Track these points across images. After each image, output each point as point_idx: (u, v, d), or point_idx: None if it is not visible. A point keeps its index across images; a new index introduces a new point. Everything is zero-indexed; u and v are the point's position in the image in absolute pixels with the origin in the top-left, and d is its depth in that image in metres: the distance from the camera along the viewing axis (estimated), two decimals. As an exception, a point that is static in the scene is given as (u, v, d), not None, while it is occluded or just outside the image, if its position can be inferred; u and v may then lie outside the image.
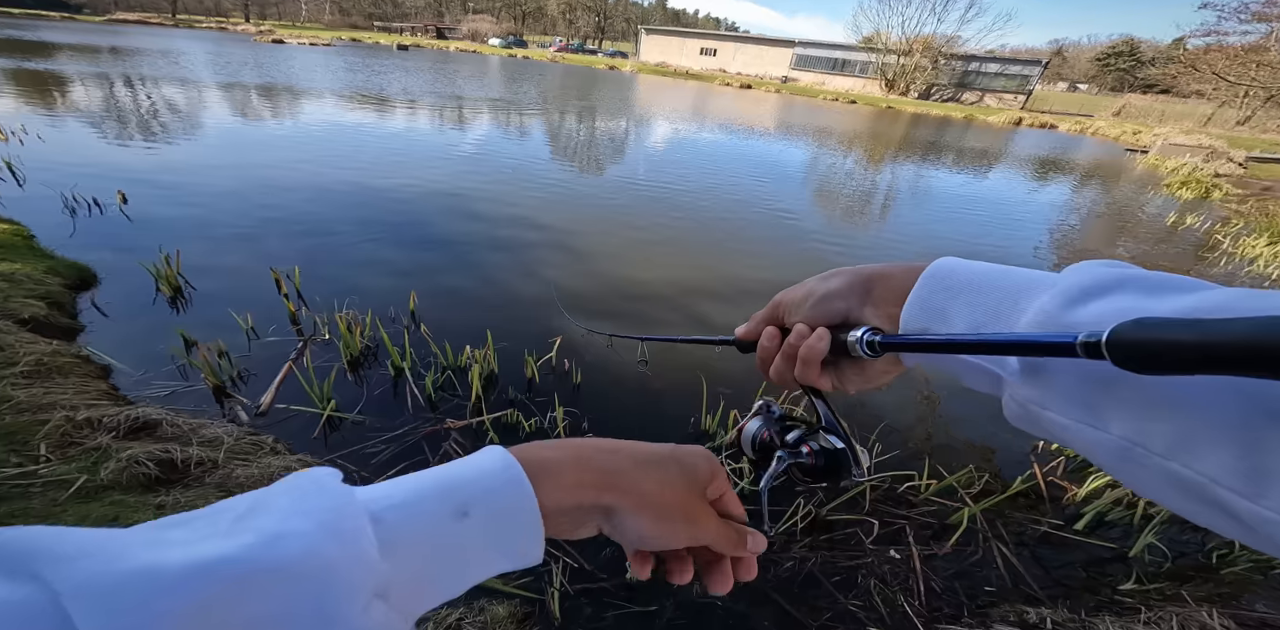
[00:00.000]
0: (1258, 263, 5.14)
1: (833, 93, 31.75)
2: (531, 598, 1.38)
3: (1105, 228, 6.40)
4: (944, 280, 0.32)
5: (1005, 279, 0.30)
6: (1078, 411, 0.25)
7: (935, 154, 11.37)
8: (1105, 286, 0.26)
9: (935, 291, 0.32)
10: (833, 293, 0.36)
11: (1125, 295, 0.25)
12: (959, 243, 5.09)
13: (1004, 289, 0.30)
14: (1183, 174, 9.89)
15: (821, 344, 0.36)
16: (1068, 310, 0.26)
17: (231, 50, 19.71)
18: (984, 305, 0.30)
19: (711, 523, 0.32)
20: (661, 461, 0.32)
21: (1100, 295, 0.26)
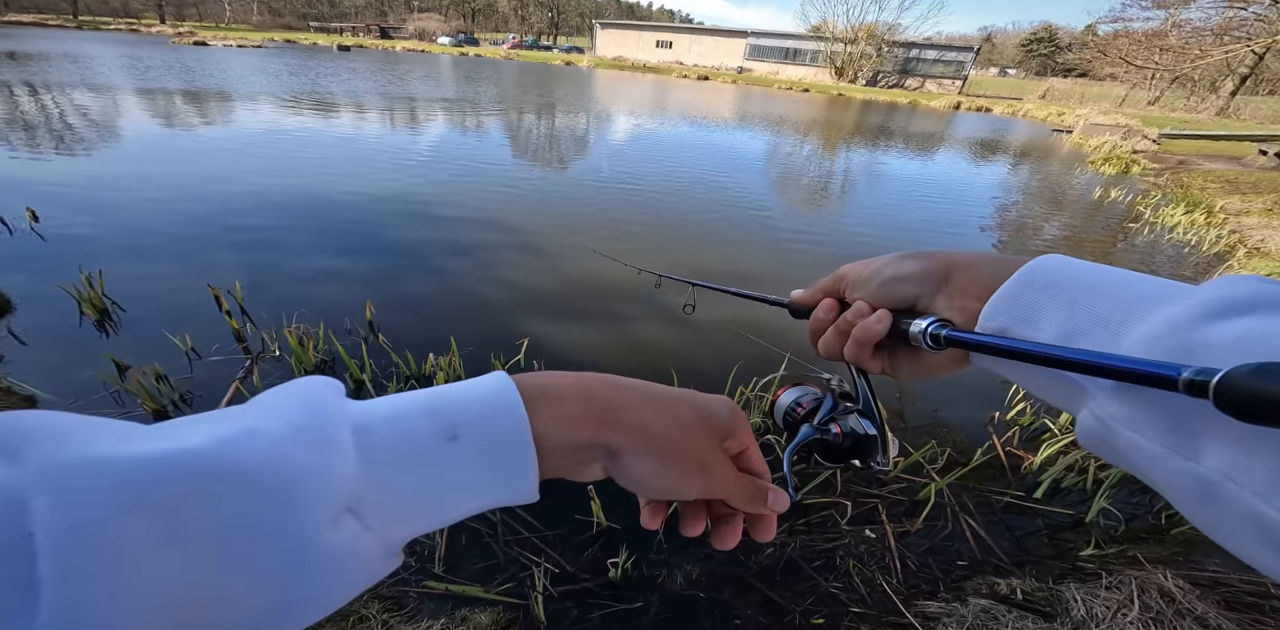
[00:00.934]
0: (1177, 230, 5.52)
1: (786, 82, 32.29)
2: (515, 603, 1.35)
3: (1043, 203, 6.80)
4: (1046, 278, 0.28)
5: (1126, 285, 0.26)
6: (1171, 438, 0.22)
7: (886, 139, 11.75)
8: (1256, 302, 0.22)
9: (1031, 289, 0.28)
10: (904, 275, 0.33)
11: (1276, 316, 0.21)
12: (912, 225, 5.25)
13: (1122, 295, 0.26)
14: (1104, 151, 10.61)
15: (879, 327, 0.34)
16: (1201, 325, 0.22)
17: (149, 53, 18.38)
18: (1090, 310, 0.26)
19: (727, 474, 0.30)
20: (674, 402, 0.29)
21: (1247, 312, 0.22)
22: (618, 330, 2.70)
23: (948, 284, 0.32)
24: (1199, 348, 0.21)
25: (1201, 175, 8.53)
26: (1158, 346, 0.22)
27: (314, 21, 64.52)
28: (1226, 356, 0.20)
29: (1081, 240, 5.39)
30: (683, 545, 1.56)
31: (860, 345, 0.35)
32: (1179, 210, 6.02)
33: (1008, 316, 0.28)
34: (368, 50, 32.85)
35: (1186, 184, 7.82)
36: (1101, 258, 4.84)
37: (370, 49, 34.65)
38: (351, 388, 2.08)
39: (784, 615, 1.40)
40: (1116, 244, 5.29)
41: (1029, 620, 1.38)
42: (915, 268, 0.33)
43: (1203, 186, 7.57)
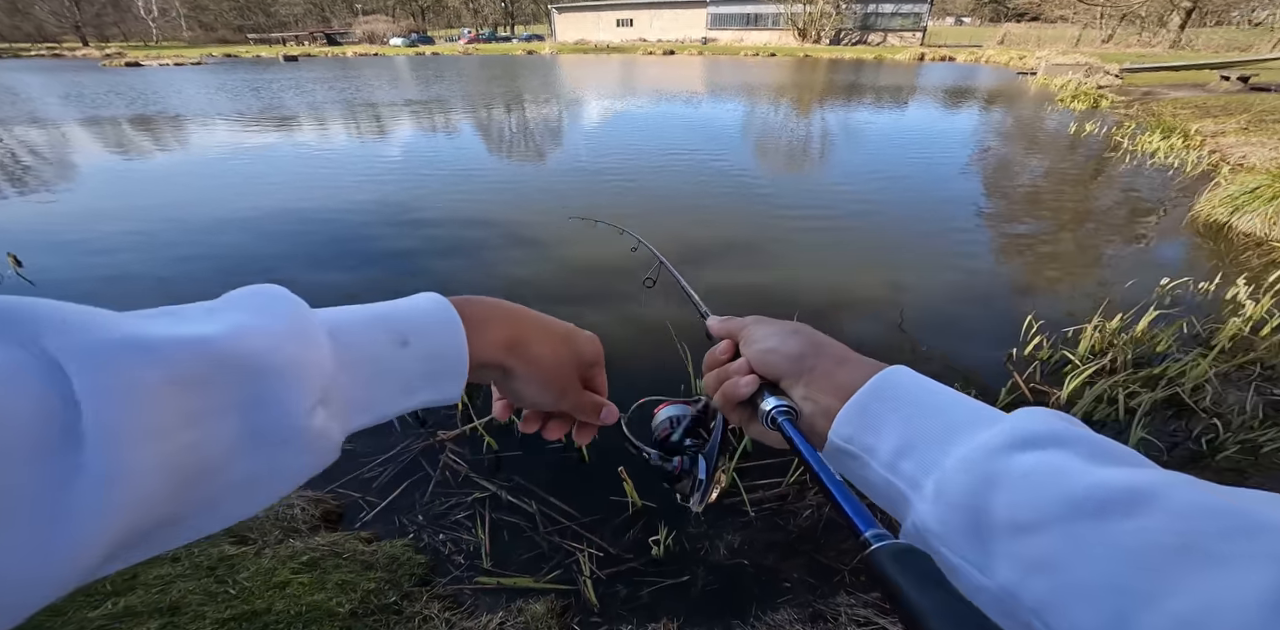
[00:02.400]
0: (1157, 155, 5.60)
1: (752, 48, 31.72)
2: (565, 589, 1.38)
3: (1020, 143, 6.81)
4: (890, 391, 0.32)
5: (953, 407, 0.30)
6: (970, 551, 0.25)
7: (857, 95, 11.66)
8: (1051, 439, 0.26)
9: (877, 401, 0.32)
10: (782, 352, 0.37)
11: (1066, 453, 0.25)
12: (893, 176, 5.24)
13: (949, 417, 0.29)
14: (1071, 89, 10.85)
15: (744, 390, 0.37)
16: (1003, 455, 0.26)
17: (81, 79, 17.72)
18: (922, 428, 0.29)
19: (580, 394, 0.39)
20: (559, 339, 0.37)
21: (1042, 446, 0.25)
22: (610, 308, 2.69)
23: (811, 374, 0.35)
24: (1000, 474, 0.25)
25: (1170, 103, 8.68)
26: (972, 469, 0.26)
27: (251, 33, 62.05)
28: (1017, 485, 0.24)
29: (1064, 174, 5.38)
30: (720, 516, 1.58)
31: (725, 398, 0.38)
32: (1156, 136, 6.08)
33: (857, 424, 0.32)
34: (317, 59, 31.81)
35: (1158, 112, 7.94)
36: (1086, 189, 4.85)
37: (319, 57, 33.54)
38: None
39: (832, 575, 1.43)
40: (1099, 175, 5.29)
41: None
42: (794, 349, 0.37)
43: (1174, 113, 7.68)
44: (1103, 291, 2.93)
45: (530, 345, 0.35)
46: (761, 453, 1.79)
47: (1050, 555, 0.22)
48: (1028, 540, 0.23)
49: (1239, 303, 2.69)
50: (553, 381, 0.36)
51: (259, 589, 1.32)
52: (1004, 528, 0.24)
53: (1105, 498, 0.22)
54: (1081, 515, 0.22)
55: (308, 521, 1.57)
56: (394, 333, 0.29)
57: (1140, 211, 4.26)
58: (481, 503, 1.63)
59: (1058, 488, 0.23)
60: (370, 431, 1.92)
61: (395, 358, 0.29)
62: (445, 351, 0.31)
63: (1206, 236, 3.76)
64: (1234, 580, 0.18)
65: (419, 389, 0.30)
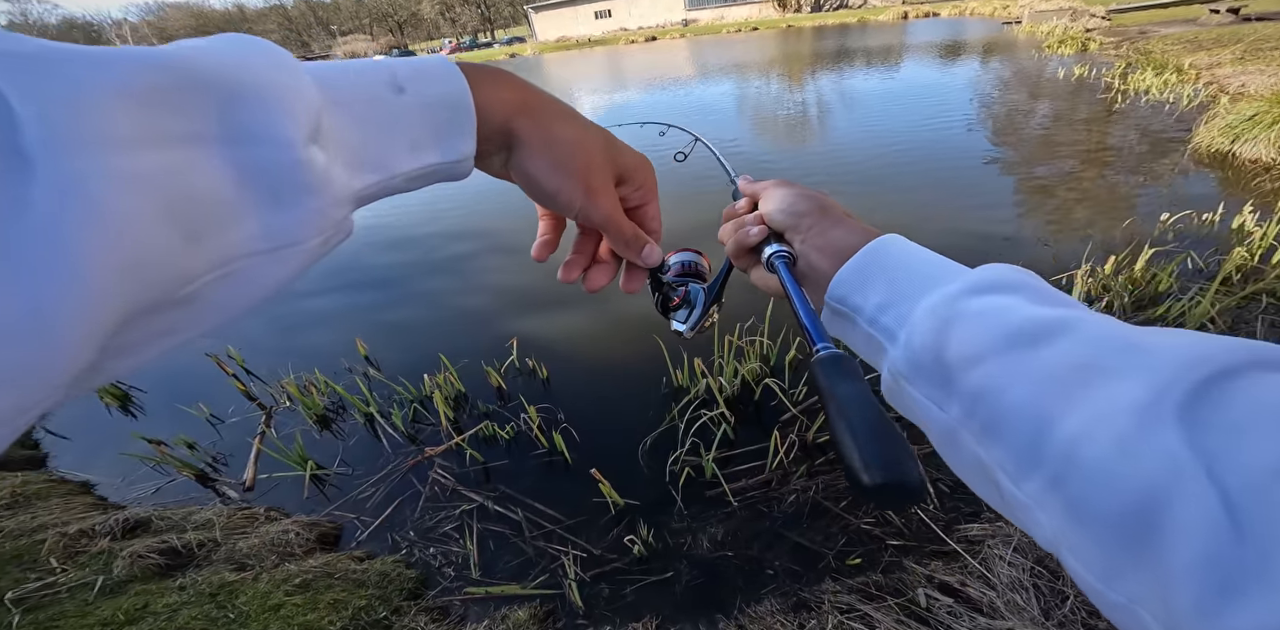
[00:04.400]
0: (1152, 92, 5.44)
1: (734, 25, 31.19)
2: (550, 594, 1.40)
3: (1021, 92, 6.58)
4: (882, 257, 0.34)
5: (929, 266, 0.32)
6: (932, 391, 0.27)
7: (848, 60, 11.37)
8: (1005, 285, 0.28)
9: (869, 265, 0.34)
10: (790, 210, 0.40)
11: (1014, 297, 0.27)
12: (896, 134, 5.12)
13: (924, 274, 0.31)
14: (1058, 34, 10.68)
15: (753, 239, 0.41)
16: (963, 299, 0.28)
17: None
18: (901, 286, 0.31)
19: (609, 205, 0.34)
20: (592, 126, 0.33)
21: (996, 292, 0.27)
22: (599, 307, 2.69)
23: (809, 231, 0.38)
24: (957, 315, 0.27)
25: (1160, 40, 8.48)
26: (935, 313, 0.28)
27: None
28: (969, 322, 0.26)
29: (1053, 119, 5.16)
30: (703, 509, 1.58)
31: (737, 244, 0.42)
32: (1149, 74, 5.92)
33: (850, 286, 0.34)
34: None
35: (1148, 50, 7.76)
36: (1076, 133, 4.65)
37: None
38: (362, 422, 2.13)
39: (818, 560, 1.42)
40: (1089, 117, 5.08)
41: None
42: (800, 207, 0.39)
43: (1165, 50, 7.48)
44: (1099, 233, 2.82)
45: (543, 112, 0.30)
46: (743, 441, 1.78)
47: (988, 384, 0.24)
48: (973, 372, 0.25)
49: (1245, 231, 2.55)
50: (569, 163, 0.31)
51: (255, 612, 1.37)
52: (957, 363, 0.26)
53: (1032, 329, 0.24)
54: (1012, 346, 0.24)
55: (303, 545, 1.62)
56: (385, 76, 0.25)
57: (1136, 150, 4.07)
58: (469, 514, 1.66)
59: (998, 323, 0.25)
60: (363, 454, 1.98)
61: (391, 102, 0.25)
62: (448, 99, 0.27)
63: (1210, 166, 3.57)
64: (1117, 391, 0.20)
65: (425, 144, 0.26)
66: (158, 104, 0.17)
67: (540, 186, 0.32)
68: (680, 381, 2.01)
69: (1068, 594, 1.19)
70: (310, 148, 0.21)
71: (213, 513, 1.77)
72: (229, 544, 1.63)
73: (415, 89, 0.26)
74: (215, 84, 0.19)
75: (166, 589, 1.47)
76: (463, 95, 0.27)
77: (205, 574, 1.52)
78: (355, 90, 0.25)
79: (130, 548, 1.60)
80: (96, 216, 0.15)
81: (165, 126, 0.17)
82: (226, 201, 0.19)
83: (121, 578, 1.53)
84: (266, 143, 0.20)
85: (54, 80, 0.15)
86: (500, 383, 2.18)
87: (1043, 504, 0.21)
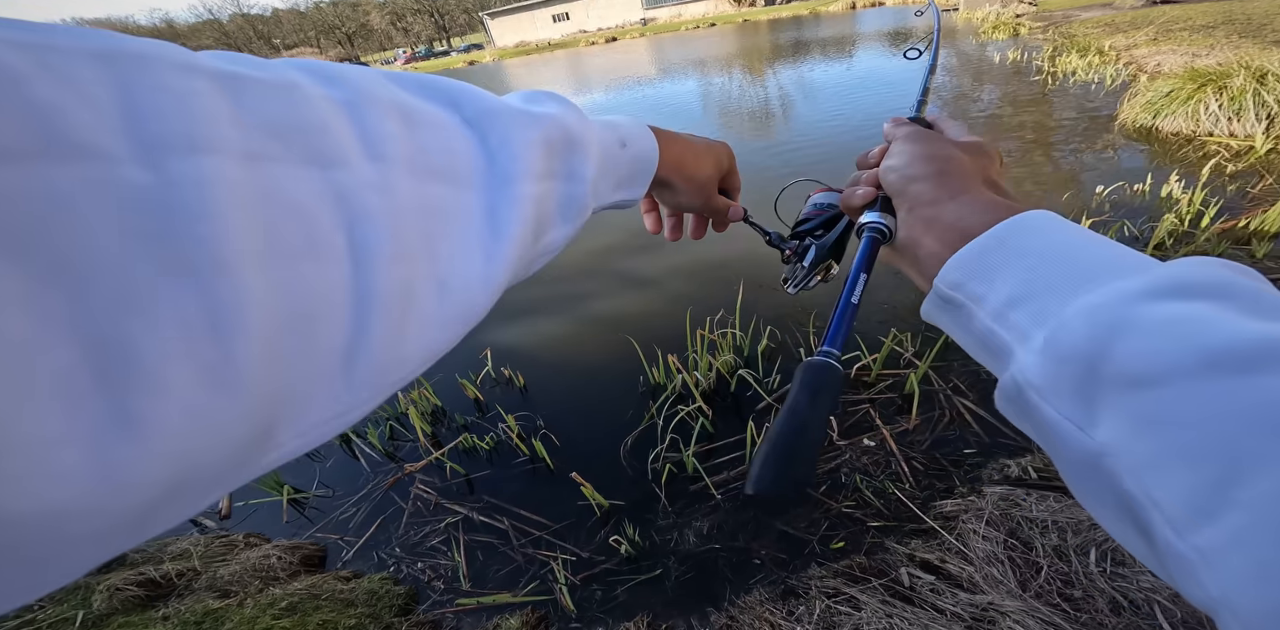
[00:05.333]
0: (1077, 74, 5.71)
1: (692, 21, 31.43)
2: (541, 600, 1.40)
3: (967, 76, 6.81)
4: (1019, 236, 0.28)
5: (1093, 254, 0.25)
6: (1073, 410, 0.22)
7: (804, 52, 11.57)
8: (1206, 288, 0.21)
9: (1001, 247, 0.28)
10: (900, 172, 0.35)
11: (1220, 305, 0.20)
12: (858, 122, 5.22)
13: (1083, 264, 0.25)
14: (991, 21, 11.27)
15: (856, 201, 0.38)
16: (1142, 302, 0.21)
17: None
18: (1045, 276, 0.25)
19: (716, 200, 0.46)
20: (708, 156, 0.44)
21: (1192, 297, 0.21)
22: (571, 311, 2.69)
23: (917, 200, 0.33)
24: (1129, 322, 0.21)
25: (1082, 24, 9.07)
26: (1095, 317, 0.22)
27: None
28: (1148, 334, 0.20)
29: (986, 103, 5.33)
30: (686, 505, 1.60)
31: (844, 203, 0.40)
32: (1074, 57, 6.24)
33: (969, 270, 0.28)
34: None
35: (1071, 34, 8.24)
36: (1011, 114, 4.82)
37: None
38: (338, 443, 2.09)
39: (803, 546, 1.44)
40: (1021, 99, 5.30)
41: (1051, 498, 1.36)
42: (913, 170, 0.35)
43: (1086, 33, 7.96)
44: (1046, 206, 2.92)
45: (688, 164, 0.42)
46: (722, 433, 1.80)
47: (1167, 413, 0.19)
48: (1144, 395, 0.20)
49: (1174, 198, 2.69)
50: (700, 190, 0.44)
51: (244, 640, 1.35)
52: (1119, 380, 0.20)
53: (1247, 351, 0.18)
54: (1213, 370, 0.18)
55: (286, 569, 1.59)
56: (619, 136, 0.36)
57: (1070, 128, 4.23)
58: (455, 526, 1.65)
59: (1194, 338, 0.19)
60: (341, 475, 1.95)
61: (618, 155, 0.35)
62: (646, 156, 0.38)
63: (1137, 140, 3.75)
64: None
65: (624, 185, 0.37)
66: (551, 150, 0.28)
67: (679, 206, 0.46)
68: (656, 379, 2.02)
69: (1041, 564, 1.22)
70: (592, 185, 0.32)
71: (189, 542, 1.72)
72: (209, 572, 1.60)
73: (632, 147, 0.37)
74: (571, 139, 0.30)
75: (150, 620, 1.44)
76: (654, 155, 0.39)
77: (189, 603, 1.48)
78: (606, 144, 0.34)
79: (107, 581, 1.56)
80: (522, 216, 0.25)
81: (551, 165, 0.28)
82: (553, 217, 0.29)
83: (102, 611, 1.49)
84: (579, 180, 0.30)
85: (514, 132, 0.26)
86: (477, 394, 2.16)
87: (1213, 562, 0.17)
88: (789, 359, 2.09)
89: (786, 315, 2.31)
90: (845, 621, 1.16)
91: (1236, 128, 3.39)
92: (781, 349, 2.15)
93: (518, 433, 1.87)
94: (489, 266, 0.23)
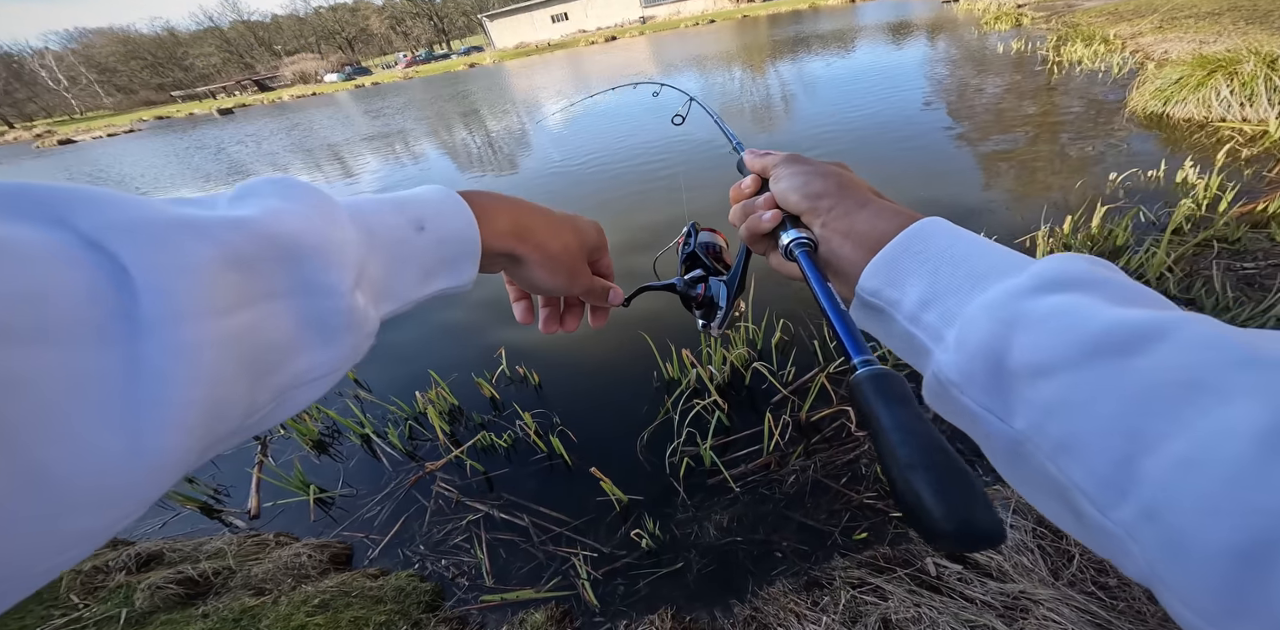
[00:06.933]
0: (1083, 63, 5.69)
1: (691, 18, 31.39)
2: (564, 595, 1.41)
3: (969, 68, 6.76)
4: (921, 244, 0.30)
5: (980, 255, 0.28)
6: (991, 401, 0.24)
7: (804, 46, 11.58)
8: (1078, 281, 0.24)
9: (906, 254, 0.30)
10: (805, 192, 0.37)
11: (1090, 295, 0.23)
12: (861, 115, 5.19)
13: (975, 265, 0.28)
14: (994, 11, 11.21)
15: (767, 225, 0.38)
16: (1028, 297, 0.24)
17: (23, 168, 17.50)
18: (948, 278, 0.28)
19: (588, 278, 0.41)
20: (564, 227, 0.39)
21: (1066, 289, 0.24)
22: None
23: (829, 214, 0.35)
24: (1020, 316, 0.24)
25: (1085, 13, 9.00)
26: (992, 313, 0.25)
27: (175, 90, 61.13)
28: (1037, 327, 0.23)
29: (1009, 89, 5.29)
30: (705, 499, 1.61)
31: (749, 231, 0.40)
32: (1079, 46, 6.20)
33: (883, 278, 0.31)
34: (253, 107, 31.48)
35: (1075, 23, 8.18)
36: (1019, 105, 4.78)
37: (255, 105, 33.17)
38: (359, 443, 2.12)
39: (825, 538, 1.45)
40: (1029, 89, 5.27)
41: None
42: (816, 188, 0.36)
43: (1089, 22, 7.90)
44: (1056, 196, 2.92)
45: (536, 231, 0.37)
46: (738, 427, 1.81)
47: (1065, 398, 0.21)
48: (1044, 383, 0.22)
49: (1189, 184, 2.68)
50: (561, 266, 0.38)
51: (279, 636, 1.37)
52: (1022, 372, 0.23)
53: (1120, 336, 0.21)
54: (1095, 355, 0.21)
55: (316, 567, 1.61)
56: (411, 217, 0.30)
57: (1079, 116, 4.21)
58: (476, 524, 1.67)
59: (1075, 328, 0.22)
60: (364, 474, 1.97)
61: (413, 242, 0.29)
62: (459, 235, 0.32)
63: (1148, 127, 3.72)
64: (1232, 414, 0.18)
65: (437, 274, 0.31)
66: (246, 268, 0.21)
67: (538, 287, 0.39)
68: (670, 374, 2.03)
69: (1073, 552, 1.22)
70: (355, 293, 0.25)
71: (223, 542, 1.76)
72: (244, 570, 1.64)
73: (433, 227, 0.30)
74: (288, 246, 0.22)
75: (190, 617, 1.47)
76: (471, 231, 0.32)
77: (226, 600, 1.52)
78: (387, 232, 0.29)
79: (148, 580, 1.61)
80: (196, 374, 0.18)
81: (251, 287, 0.21)
82: (288, 345, 0.22)
83: (145, 609, 1.53)
84: (324, 293, 0.24)
85: (166, 253, 0.18)
86: (493, 392, 2.18)
87: (1135, 536, 0.19)
88: (803, 351, 2.10)
89: (798, 307, 2.32)
90: (872, 611, 1.17)
91: (1249, 113, 3.36)
92: (795, 341, 2.16)
93: (535, 430, 1.88)
94: (136, 439, 0.16)
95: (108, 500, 0.16)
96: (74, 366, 0.16)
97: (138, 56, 73.23)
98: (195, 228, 0.19)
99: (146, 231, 0.18)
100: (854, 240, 0.33)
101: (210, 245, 0.19)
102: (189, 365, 0.18)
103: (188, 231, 0.19)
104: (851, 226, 0.34)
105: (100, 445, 0.16)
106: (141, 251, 0.18)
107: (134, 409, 0.17)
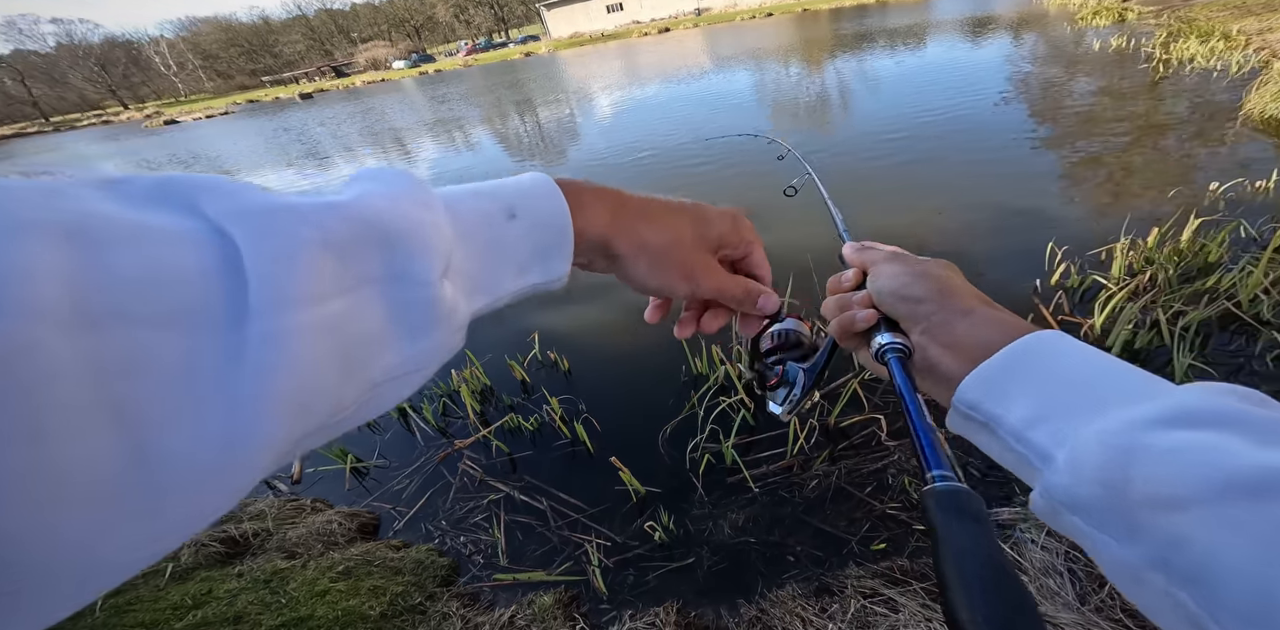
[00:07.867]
0: (1196, 60, 5.21)
1: (748, 11, 30.70)
2: (574, 580, 1.44)
3: (1057, 67, 6.31)
4: (1029, 358, 0.29)
5: (1097, 376, 0.27)
6: (1107, 524, 0.23)
7: (869, 42, 11.14)
8: (1213, 418, 0.23)
9: (1013, 370, 0.29)
10: (904, 295, 0.35)
11: (1226, 434, 0.22)
12: (926, 113, 4.99)
13: (1090, 386, 0.27)
14: (1092, 5, 10.33)
15: (861, 325, 0.37)
16: (1151, 430, 0.23)
17: (134, 144, 19.00)
18: (1061, 400, 0.27)
19: (715, 278, 0.35)
20: (675, 218, 0.34)
21: (1199, 426, 0.22)
22: (617, 299, 2.70)
23: (929, 321, 0.34)
24: (1141, 448, 0.23)
25: (1205, 7, 8.12)
26: (1108, 442, 0.24)
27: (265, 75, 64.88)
28: (1163, 460, 0.22)
29: (1104, 90, 4.92)
30: (723, 496, 1.60)
31: (841, 328, 0.38)
32: (1193, 42, 5.67)
33: (983, 391, 0.29)
34: (330, 92, 33.10)
35: (1191, 18, 7.48)
36: (1120, 105, 4.43)
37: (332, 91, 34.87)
38: (396, 416, 2.21)
39: (841, 546, 1.41)
40: (1132, 89, 4.86)
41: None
42: (916, 292, 0.35)
43: (1210, 17, 7.19)
44: (1143, 205, 2.72)
45: (635, 221, 0.32)
46: (763, 427, 1.78)
47: (1195, 534, 0.21)
48: (1170, 516, 0.21)
49: None
50: (669, 262, 0.33)
51: (304, 598, 1.46)
52: (1145, 502, 0.22)
53: (1260, 479, 0.20)
54: (1230, 495, 0.20)
55: (345, 535, 1.70)
56: (502, 204, 0.28)
57: (1182, 120, 3.87)
58: (497, 503, 1.71)
59: (1209, 466, 0.21)
60: (398, 447, 2.06)
61: (505, 229, 0.28)
62: (551, 222, 0.29)
63: (1264, 133, 3.37)
64: None
65: (530, 267, 0.29)
66: (342, 253, 0.20)
67: (646, 287, 0.34)
68: (699, 369, 2.02)
69: (1106, 579, 1.15)
70: (443, 283, 0.24)
71: (265, 504, 1.88)
72: (280, 533, 1.74)
73: (525, 214, 0.28)
74: (383, 230, 0.22)
75: (227, 575, 1.58)
76: (564, 219, 0.29)
77: (260, 562, 1.62)
78: (477, 219, 0.27)
79: (195, 537, 1.73)
80: (292, 365, 0.18)
81: (346, 273, 0.20)
82: (379, 337, 0.22)
83: (189, 565, 1.65)
84: (414, 281, 0.22)
85: (274, 238, 0.19)
86: (523, 376, 2.23)
87: None
88: (840, 355, 2.03)
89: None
90: (881, 622, 1.14)
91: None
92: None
93: (560, 415, 1.92)
94: (233, 427, 0.17)
95: (207, 486, 0.17)
96: (192, 350, 0.16)
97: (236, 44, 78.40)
98: (297, 212, 0.20)
99: (258, 217, 0.19)
100: (955, 351, 0.32)
101: (310, 229, 0.20)
102: (285, 353, 0.18)
103: (292, 216, 0.19)
104: (953, 337, 0.32)
105: (204, 432, 0.16)
106: (252, 236, 0.18)
107: (233, 396, 0.17)
